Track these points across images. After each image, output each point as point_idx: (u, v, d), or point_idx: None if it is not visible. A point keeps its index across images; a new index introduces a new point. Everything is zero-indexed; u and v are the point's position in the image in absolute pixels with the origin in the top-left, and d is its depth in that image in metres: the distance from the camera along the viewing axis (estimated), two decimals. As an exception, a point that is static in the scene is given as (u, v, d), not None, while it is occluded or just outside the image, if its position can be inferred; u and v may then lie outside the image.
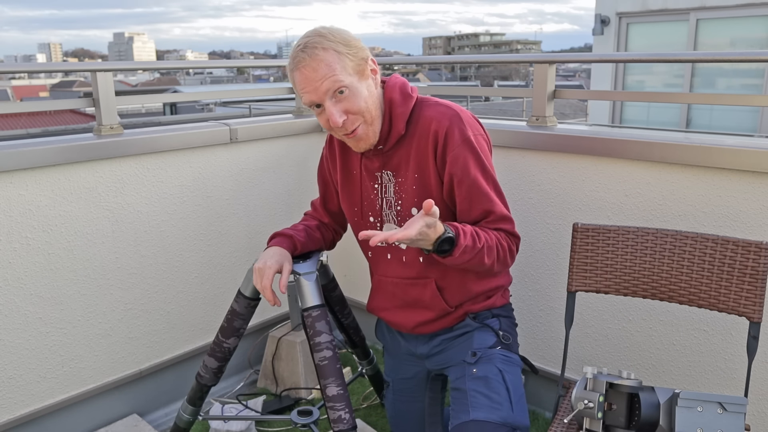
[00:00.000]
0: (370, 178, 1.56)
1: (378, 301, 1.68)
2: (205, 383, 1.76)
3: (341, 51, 1.36)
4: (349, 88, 1.37)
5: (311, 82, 1.36)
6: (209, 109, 13.92)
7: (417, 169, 1.47)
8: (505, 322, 1.63)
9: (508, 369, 1.53)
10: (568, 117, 12.76)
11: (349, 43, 1.38)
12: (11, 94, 23.84)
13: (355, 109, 1.39)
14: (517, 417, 1.44)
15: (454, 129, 1.42)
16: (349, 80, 1.37)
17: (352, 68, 1.38)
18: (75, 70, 2.69)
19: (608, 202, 1.91)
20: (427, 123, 1.45)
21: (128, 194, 2.05)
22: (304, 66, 1.35)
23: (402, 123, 1.46)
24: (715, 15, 6.81)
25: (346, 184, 1.62)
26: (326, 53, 1.35)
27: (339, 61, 1.35)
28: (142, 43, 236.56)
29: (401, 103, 1.46)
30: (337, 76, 1.35)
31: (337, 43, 1.36)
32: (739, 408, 1.26)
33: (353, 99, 1.38)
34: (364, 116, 1.41)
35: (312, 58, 1.34)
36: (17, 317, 1.87)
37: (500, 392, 1.47)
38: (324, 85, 1.35)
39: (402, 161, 1.50)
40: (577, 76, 36.23)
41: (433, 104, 1.48)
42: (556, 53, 2.43)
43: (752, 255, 1.45)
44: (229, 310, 1.70)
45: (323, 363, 1.51)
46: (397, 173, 1.51)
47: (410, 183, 1.49)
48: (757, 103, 1.87)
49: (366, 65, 1.41)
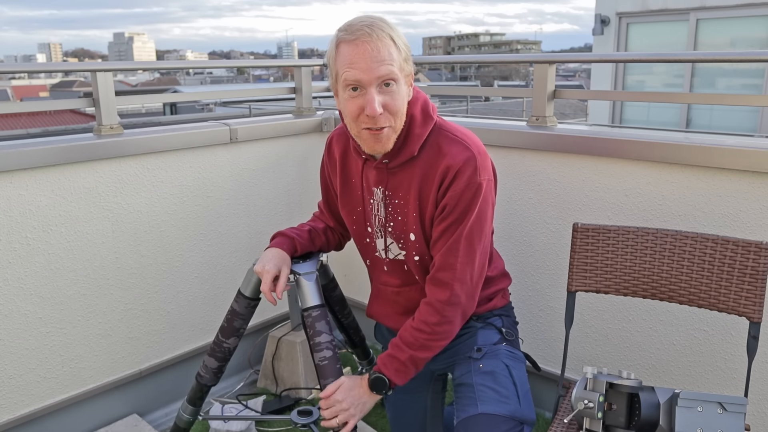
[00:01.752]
0: (368, 189, 1.52)
1: (378, 308, 1.68)
2: (205, 383, 1.76)
3: (402, 49, 1.33)
4: (398, 84, 1.34)
5: (367, 61, 1.28)
6: (209, 109, 13.91)
7: (419, 198, 1.44)
8: (507, 320, 1.64)
9: (514, 364, 1.53)
10: (568, 117, 12.76)
11: (408, 48, 1.36)
12: (11, 94, 23.85)
13: (394, 109, 1.34)
14: (524, 411, 1.45)
15: (466, 170, 1.38)
16: (398, 77, 1.34)
17: (402, 75, 1.35)
18: (75, 70, 2.69)
19: (608, 202, 1.91)
20: (440, 156, 1.40)
21: (128, 194, 2.05)
22: (366, 41, 1.28)
23: (417, 145, 1.41)
24: (715, 15, 6.81)
25: (345, 191, 1.59)
26: (390, 42, 1.31)
27: (398, 55, 1.32)
28: (142, 43, 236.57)
29: (421, 124, 1.42)
30: (394, 67, 1.31)
31: (400, 39, 1.33)
32: (739, 408, 1.26)
33: (396, 97, 1.34)
34: (395, 120, 1.36)
35: (379, 38, 1.28)
36: (17, 317, 1.87)
37: (507, 387, 1.47)
38: (381, 69, 1.28)
39: (404, 183, 1.45)
40: (577, 76, 36.23)
41: (452, 139, 1.42)
42: (556, 53, 2.43)
43: (752, 255, 1.45)
44: (229, 310, 1.70)
45: (323, 363, 1.51)
46: (395, 194, 1.47)
47: (411, 209, 1.46)
48: (757, 103, 1.87)
49: (411, 74, 1.40)
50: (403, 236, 1.50)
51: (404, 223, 1.48)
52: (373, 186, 1.50)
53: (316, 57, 14.28)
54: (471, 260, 1.42)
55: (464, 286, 1.42)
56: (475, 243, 1.41)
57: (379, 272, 1.62)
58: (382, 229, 1.53)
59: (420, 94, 1.46)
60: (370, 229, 1.57)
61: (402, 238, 1.50)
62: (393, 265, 1.57)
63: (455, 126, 1.46)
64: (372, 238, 1.57)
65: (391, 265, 1.57)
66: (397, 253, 1.53)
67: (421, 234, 1.46)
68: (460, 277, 1.41)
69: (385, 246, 1.54)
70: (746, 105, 2.00)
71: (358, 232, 1.60)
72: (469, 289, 1.43)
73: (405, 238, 1.50)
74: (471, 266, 1.42)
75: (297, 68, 2.68)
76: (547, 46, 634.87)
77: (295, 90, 2.69)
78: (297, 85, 2.68)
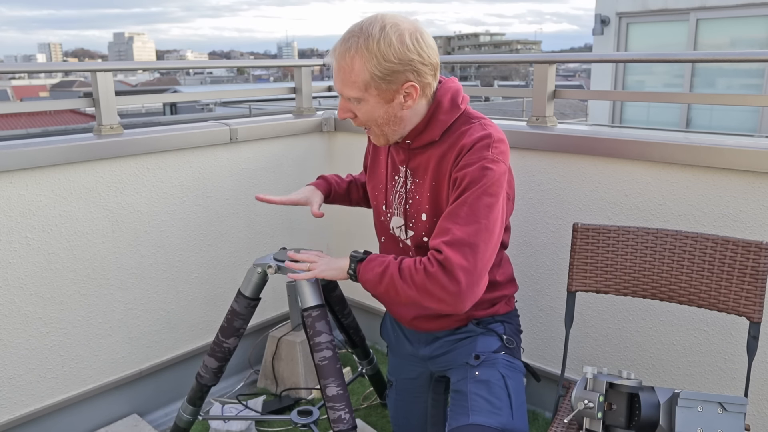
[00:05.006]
0: (393, 168, 1.55)
1: None
2: (205, 383, 1.76)
3: (373, 69, 1.30)
4: (362, 102, 1.36)
5: (337, 74, 1.35)
6: (209, 109, 13.91)
7: (435, 177, 1.44)
8: (510, 327, 1.60)
9: (511, 374, 1.51)
10: (568, 117, 12.75)
11: (387, 62, 1.29)
12: (11, 94, 23.84)
13: (360, 120, 1.40)
14: (516, 424, 1.42)
15: (479, 145, 1.36)
16: (363, 96, 1.34)
17: (376, 92, 1.33)
18: (75, 70, 2.69)
19: (608, 202, 1.91)
20: (459, 136, 1.40)
21: (128, 194, 2.05)
22: (336, 58, 1.34)
23: (439, 131, 1.41)
24: (715, 15, 6.81)
25: (373, 166, 1.63)
26: (355, 60, 1.30)
27: (363, 73, 1.31)
28: (142, 43, 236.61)
29: (447, 111, 1.41)
30: (354, 88, 1.34)
31: (374, 57, 1.29)
32: (739, 408, 1.26)
33: (361, 111, 1.38)
34: (369, 125, 1.41)
35: (347, 55, 1.31)
36: (17, 317, 1.87)
37: (501, 397, 1.45)
38: (342, 87, 1.36)
39: (422, 164, 1.46)
40: (577, 76, 36.22)
41: (474, 124, 1.40)
42: (556, 53, 2.43)
43: (752, 255, 1.45)
44: (229, 310, 1.71)
45: (323, 363, 1.51)
46: (415, 174, 1.49)
47: (426, 189, 1.46)
48: (757, 103, 1.87)
49: (397, 93, 1.34)
50: (415, 216, 1.50)
51: (419, 203, 1.48)
52: (399, 165, 1.52)
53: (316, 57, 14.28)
54: (469, 231, 1.29)
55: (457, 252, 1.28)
56: (479, 216, 1.30)
57: (392, 251, 1.60)
58: (400, 206, 1.53)
59: (453, 84, 1.45)
60: (385, 207, 1.57)
61: (414, 218, 1.50)
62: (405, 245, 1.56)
63: (484, 117, 1.45)
64: (386, 217, 1.57)
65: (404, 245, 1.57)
66: (407, 233, 1.53)
67: (432, 215, 1.45)
68: (455, 240, 1.29)
69: (403, 224, 1.54)
70: (746, 105, 2.00)
71: (377, 208, 1.61)
72: (459, 258, 1.28)
73: (417, 218, 1.49)
74: (467, 235, 1.29)
75: (297, 68, 2.68)
76: (547, 46, 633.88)
77: (295, 90, 2.69)
78: (297, 85, 2.68)
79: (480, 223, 1.30)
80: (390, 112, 1.37)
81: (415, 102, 1.37)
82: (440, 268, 1.29)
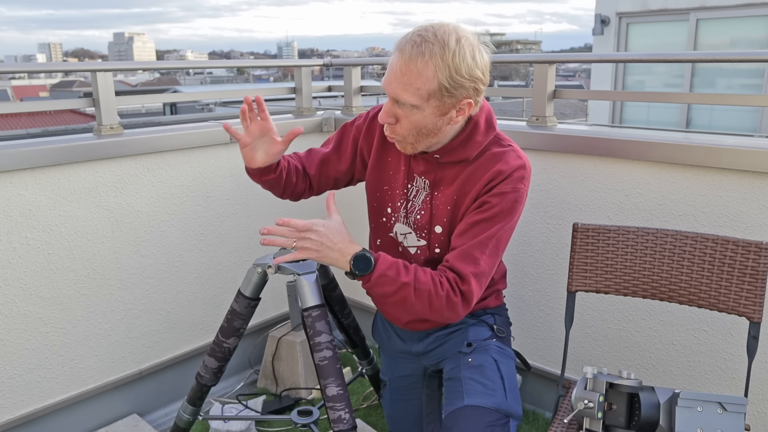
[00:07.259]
0: (407, 175, 1.51)
1: None
2: (205, 383, 1.76)
3: (443, 80, 1.26)
4: (416, 110, 1.31)
5: (398, 76, 1.28)
6: (209, 109, 13.90)
7: (457, 193, 1.43)
8: (500, 319, 1.65)
9: (503, 360, 1.54)
10: (568, 117, 12.76)
11: (458, 75, 1.26)
12: (11, 94, 23.83)
13: (402, 128, 1.35)
14: (510, 404, 1.45)
15: (516, 176, 1.39)
16: (421, 105, 1.29)
17: (436, 103, 1.29)
18: (75, 70, 2.69)
19: (608, 202, 1.91)
20: (494, 160, 1.40)
21: (128, 194, 2.05)
22: (400, 58, 1.27)
23: (475, 152, 1.41)
24: (715, 15, 6.81)
25: (377, 165, 1.57)
26: (428, 67, 1.25)
27: (432, 82, 1.26)
28: (142, 43, 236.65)
29: (483, 132, 1.42)
30: (411, 95, 1.27)
31: (447, 67, 1.25)
32: (739, 408, 1.26)
33: (413, 117, 1.32)
34: (405, 136, 1.37)
35: (413, 60, 1.25)
36: (17, 317, 1.87)
37: (494, 380, 1.47)
38: (399, 89, 1.29)
39: (447, 179, 1.45)
40: (577, 76, 36.21)
41: (507, 148, 1.43)
42: (556, 53, 2.43)
43: (752, 255, 1.45)
44: (229, 310, 1.71)
45: (323, 363, 1.51)
46: (436, 187, 1.47)
47: (446, 203, 1.45)
48: (757, 103, 1.87)
49: (453, 107, 1.32)
50: (427, 227, 1.49)
51: (433, 215, 1.48)
52: (416, 174, 1.49)
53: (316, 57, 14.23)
54: (491, 263, 1.39)
55: (479, 285, 1.38)
56: (501, 249, 1.40)
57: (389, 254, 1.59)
58: (410, 215, 1.51)
59: (486, 105, 1.44)
60: (390, 210, 1.56)
61: (426, 229, 1.49)
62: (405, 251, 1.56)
63: (512, 142, 1.47)
64: (389, 220, 1.56)
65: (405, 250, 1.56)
66: (414, 243, 1.53)
67: (448, 229, 1.46)
68: (480, 273, 1.37)
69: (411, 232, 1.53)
70: (746, 105, 2.00)
71: (378, 209, 1.58)
72: (478, 290, 1.39)
73: (429, 229, 1.49)
74: (489, 268, 1.39)
75: (297, 68, 2.68)
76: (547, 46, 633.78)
77: (295, 90, 2.69)
78: (297, 85, 2.68)
79: (499, 255, 1.41)
80: (437, 124, 1.34)
81: (460, 117, 1.35)
82: (462, 299, 1.37)
